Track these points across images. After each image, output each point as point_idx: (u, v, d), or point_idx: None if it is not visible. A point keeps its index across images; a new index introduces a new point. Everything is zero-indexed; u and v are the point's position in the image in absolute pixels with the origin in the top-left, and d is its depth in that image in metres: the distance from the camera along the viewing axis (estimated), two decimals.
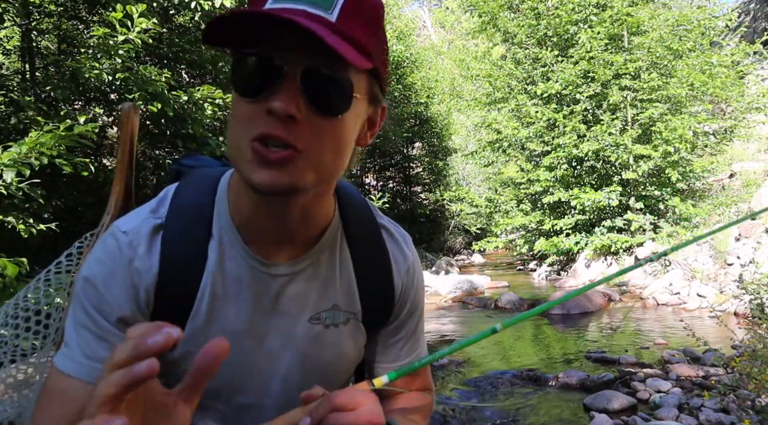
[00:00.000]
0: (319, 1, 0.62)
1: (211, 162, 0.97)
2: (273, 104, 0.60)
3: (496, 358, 5.17)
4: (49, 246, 5.61)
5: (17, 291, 2.67)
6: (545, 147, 10.40)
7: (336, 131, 0.65)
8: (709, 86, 9.63)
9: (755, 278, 4.66)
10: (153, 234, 0.73)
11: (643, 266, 1.03)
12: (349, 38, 0.62)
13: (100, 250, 0.74)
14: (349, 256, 0.84)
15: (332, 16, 0.62)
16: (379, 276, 0.86)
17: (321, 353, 0.82)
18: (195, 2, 5.42)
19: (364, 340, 0.88)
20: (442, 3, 31.99)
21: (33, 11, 5.66)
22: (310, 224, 0.77)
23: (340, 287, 0.83)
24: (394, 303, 0.89)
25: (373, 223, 0.88)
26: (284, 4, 0.62)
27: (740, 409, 3.08)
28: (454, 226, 17.59)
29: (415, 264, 0.91)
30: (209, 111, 5.53)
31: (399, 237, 0.90)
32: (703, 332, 4.92)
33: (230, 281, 0.75)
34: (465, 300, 8.45)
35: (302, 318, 0.80)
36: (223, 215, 0.76)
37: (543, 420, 3.48)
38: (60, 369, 0.70)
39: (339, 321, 0.83)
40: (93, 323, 0.71)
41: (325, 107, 0.63)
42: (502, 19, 11.75)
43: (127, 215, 0.78)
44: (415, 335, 0.94)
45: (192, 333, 0.74)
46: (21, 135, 4.38)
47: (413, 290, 0.91)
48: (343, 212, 0.84)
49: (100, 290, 0.71)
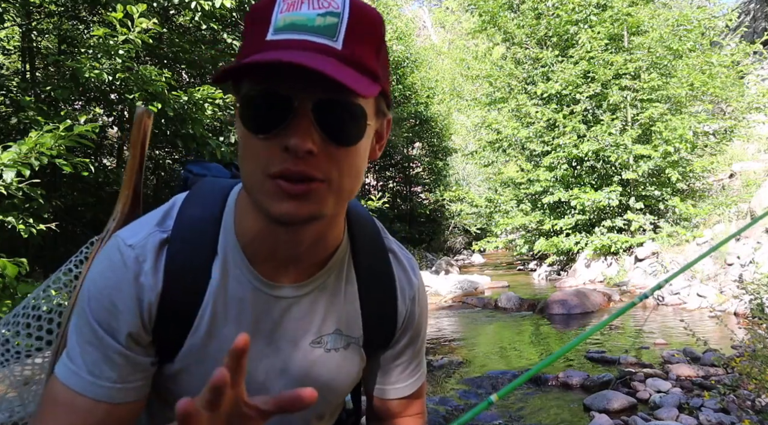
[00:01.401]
0: (322, 29, 0.60)
1: (219, 171, 0.97)
2: (290, 142, 0.59)
3: (496, 358, 5.17)
4: (49, 246, 5.61)
5: (17, 291, 2.67)
6: (545, 147, 10.40)
7: (352, 158, 0.65)
8: (709, 86, 9.64)
9: (755, 278, 4.66)
10: (159, 249, 0.72)
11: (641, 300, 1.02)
12: (356, 64, 0.61)
13: (106, 264, 0.73)
14: (354, 280, 0.83)
15: (338, 44, 0.60)
16: (384, 303, 0.85)
17: (319, 376, 0.81)
18: (195, 2, 5.42)
19: (364, 364, 0.87)
20: (442, 3, 31.99)
21: (33, 11, 5.66)
22: (320, 247, 0.76)
23: (344, 312, 0.82)
24: (396, 330, 0.87)
25: (382, 246, 0.87)
26: (287, 34, 0.60)
27: (740, 409, 3.08)
28: (454, 226, 17.59)
29: (420, 291, 0.90)
30: (209, 111, 5.53)
31: (406, 262, 0.89)
32: (703, 332, 4.92)
33: (232, 301, 0.74)
34: (465, 300, 8.46)
35: (303, 342, 0.79)
36: (229, 233, 0.75)
37: (543, 420, 3.48)
38: (64, 382, 0.70)
39: (340, 346, 0.82)
40: (100, 342, 0.70)
41: (340, 137, 0.62)
42: (502, 19, 11.76)
43: (132, 225, 0.77)
44: (416, 359, 0.93)
45: (190, 350, 0.74)
46: (21, 135, 4.38)
47: (416, 318, 0.89)
48: (353, 233, 0.83)
49: (106, 306, 0.70)
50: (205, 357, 0.74)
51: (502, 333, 6.41)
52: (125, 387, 0.71)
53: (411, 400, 0.93)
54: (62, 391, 0.70)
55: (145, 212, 0.81)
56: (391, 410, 0.93)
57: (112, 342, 0.70)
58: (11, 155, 2.89)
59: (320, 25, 0.60)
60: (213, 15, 5.81)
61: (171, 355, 0.74)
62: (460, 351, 5.48)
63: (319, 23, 0.60)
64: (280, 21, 0.61)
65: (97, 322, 0.70)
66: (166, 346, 0.74)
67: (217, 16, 5.98)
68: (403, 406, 0.93)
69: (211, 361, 0.74)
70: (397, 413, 0.93)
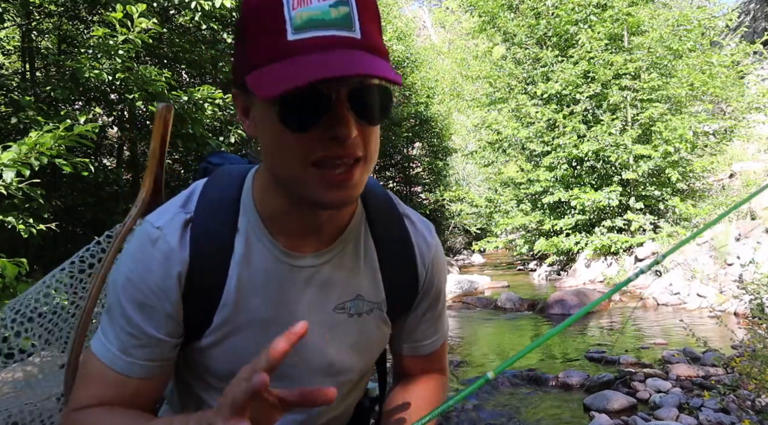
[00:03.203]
0: (340, 21, 0.61)
1: (236, 159, 1.05)
2: (337, 133, 0.63)
3: (496, 358, 5.17)
4: (49, 246, 5.61)
5: (17, 292, 2.67)
6: (545, 147, 10.39)
7: (377, 132, 0.70)
8: (709, 86, 9.62)
9: (755, 278, 4.65)
10: (183, 228, 0.76)
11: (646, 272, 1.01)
12: (376, 50, 0.64)
13: (136, 247, 0.77)
14: (373, 247, 0.86)
15: (356, 33, 0.62)
16: (403, 267, 0.88)
17: (345, 342, 0.84)
18: (195, 2, 5.42)
19: (389, 329, 0.90)
20: (442, 3, 31.98)
21: (33, 11, 5.66)
22: (337, 217, 0.80)
23: (365, 278, 0.85)
24: (417, 293, 0.91)
25: (396, 213, 0.90)
26: (310, 32, 0.61)
27: (740, 409, 3.08)
28: (454, 226, 17.59)
29: (438, 252, 0.93)
30: (209, 111, 5.53)
31: (422, 226, 0.92)
32: (703, 332, 4.92)
33: (256, 272, 0.78)
34: (465, 300, 8.46)
35: (327, 308, 0.82)
36: (249, 210, 0.79)
37: (543, 420, 3.48)
38: (99, 356, 0.76)
39: (363, 311, 0.85)
40: (129, 323, 0.75)
41: (372, 118, 0.67)
42: (501, 19, 11.75)
43: (157, 210, 0.81)
44: (439, 317, 0.96)
45: (221, 322, 0.77)
46: (21, 135, 4.38)
47: (436, 280, 0.92)
48: (366, 203, 0.86)
49: (139, 288, 0.74)
50: (235, 330, 0.78)
51: (501, 333, 6.41)
52: (154, 365, 0.77)
53: (433, 357, 0.98)
54: (96, 365, 0.76)
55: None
56: (415, 367, 0.98)
57: (144, 326, 0.75)
58: (11, 155, 2.88)
59: (336, 17, 0.61)
60: (213, 15, 5.82)
61: (200, 333, 0.78)
62: (460, 350, 5.48)
63: (335, 15, 0.61)
64: (297, 18, 0.60)
65: (133, 305, 0.74)
66: (195, 324, 0.78)
67: (217, 16, 5.98)
68: (427, 362, 0.98)
69: (240, 333, 0.78)
70: (421, 369, 0.98)
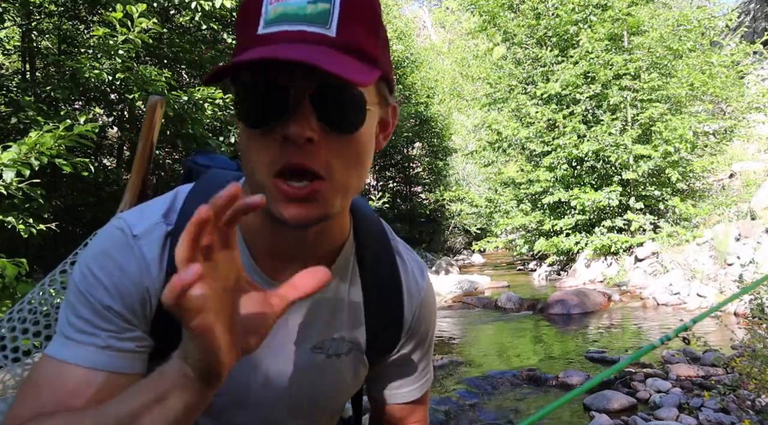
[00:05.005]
0: (314, 17, 0.58)
1: (225, 162, 0.94)
2: (288, 131, 0.57)
3: (496, 358, 5.17)
4: (49, 246, 5.61)
5: (17, 291, 2.66)
6: (545, 147, 10.39)
7: (354, 147, 0.62)
8: (709, 86, 9.63)
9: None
10: (164, 242, 0.71)
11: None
12: (353, 50, 0.59)
13: (109, 243, 0.69)
14: (359, 283, 0.80)
15: (331, 31, 0.58)
16: (389, 308, 0.82)
17: (319, 383, 0.78)
18: (195, 2, 5.42)
19: (366, 370, 0.84)
20: (442, 3, 31.98)
21: (33, 11, 5.66)
22: (324, 243, 0.73)
23: (347, 317, 0.79)
24: (401, 335, 0.84)
25: (388, 248, 0.83)
26: (279, 26, 0.58)
27: (740, 409, 3.08)
28: (454, 226, 17.57)
29: (428, 296, 0.87)
30: (209, 111, 5.53)
31: (415, 267, 0.86)
32: (703, 332, 4.92)
33: None
34: (465, 300, 8.46)
35: (304, 346, 0.76)
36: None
37: (543, 420, 3.47)
38: (60, 358, 0.65)
39: (342, 352, 0.79)
40: (100, 318, 0.66)
41: (339, 125, 0.60)
42: (502, 19, 11.75)
43: (137, 210, 0.74)
44: (422, 364, 0.90)
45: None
46: (21, 135, 4.38)
47: (423, 323, 0.86)
48: (358, 234, 0.80)
49: (107, 285, 0.67)
50: None
51: (502, 333, 6.41)
52: (136, 356, 0.68)
53: (415, 406, 0.90)
54: (55, 366, 0.65)
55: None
56: (393, 415, 0.91)
57: (115, 306, 0.67)
58: (11, 155, 2.88)
59: (312, 12, 0.58)
60: (213, 15, 5.82)
61: (168, 354, 0.72)
62: (460, 351, 5.48)
63: (310, 11, 0.58)
64: (271, 13, 0.59)
65: (99, 301, 0.66)
66: (165, 345, 0.70)
67: (217, 16, 5.98)
68: (407, 412, 0.90)
69: None
70: (400, 418, 0.91)
